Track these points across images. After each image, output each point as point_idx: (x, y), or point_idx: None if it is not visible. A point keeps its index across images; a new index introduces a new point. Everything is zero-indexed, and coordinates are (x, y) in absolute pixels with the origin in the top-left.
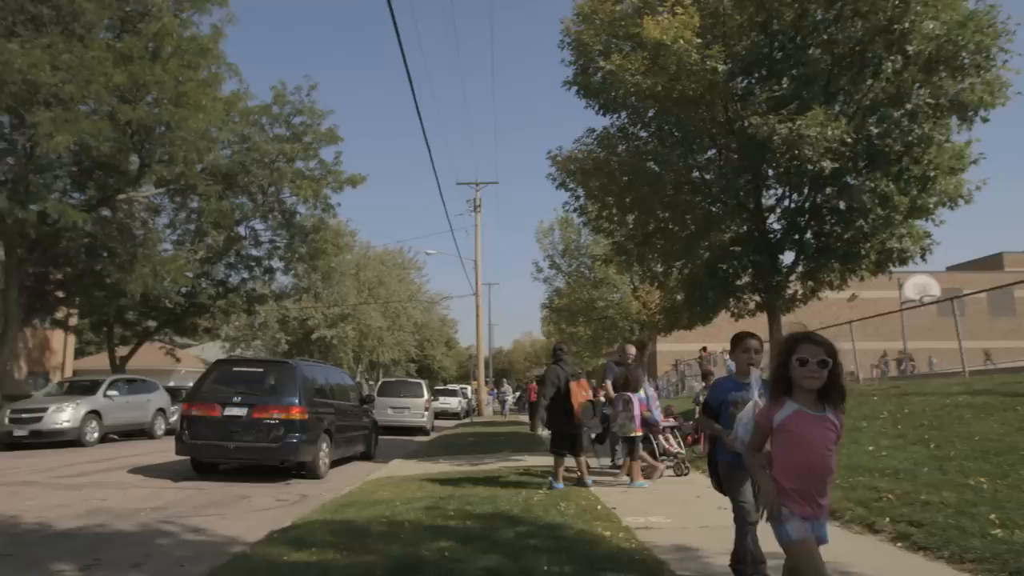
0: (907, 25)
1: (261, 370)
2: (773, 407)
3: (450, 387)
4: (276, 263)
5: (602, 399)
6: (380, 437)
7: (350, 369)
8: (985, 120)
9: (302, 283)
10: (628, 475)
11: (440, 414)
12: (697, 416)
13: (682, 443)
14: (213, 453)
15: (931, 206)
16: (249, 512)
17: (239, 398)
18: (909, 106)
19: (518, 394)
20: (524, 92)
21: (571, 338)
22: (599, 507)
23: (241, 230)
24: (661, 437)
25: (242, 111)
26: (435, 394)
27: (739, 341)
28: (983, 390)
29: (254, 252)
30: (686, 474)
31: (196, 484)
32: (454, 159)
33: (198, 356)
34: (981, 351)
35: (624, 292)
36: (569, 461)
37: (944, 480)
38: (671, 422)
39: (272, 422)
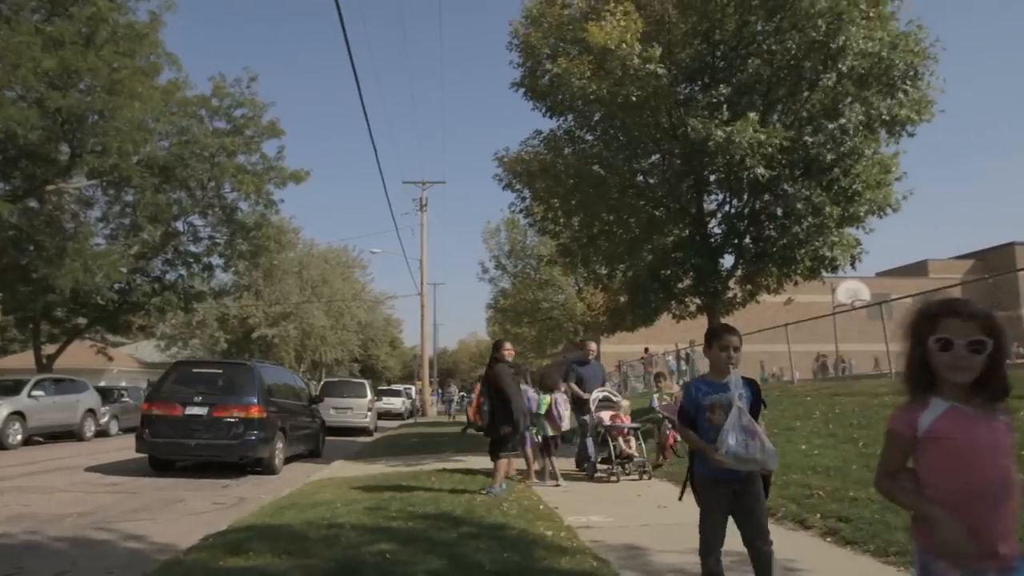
0: (841, 42)
1: (220, 371)
2: (913, 409)
3: (394, 387)
4: (216, 260)
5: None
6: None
7: (291, 369)
8: (911, 135)
9: (243, 281)
10: (537, 476)
11: (384, 415)
12: (658, 418)
13: (644, 446)
14: (174, 450)
15: (861, 214)
16: (183, 516)
17: (200, 398)
18: (843, 120)
19: (463, 394)
20: (472, 93)
21: (516, 338)
22: (541, 507)
23: (179, 225)
24: (621, 440)
25: (180, 101)
26: (379, 394)
27: (715, 336)
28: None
29: (193, 248)
30: (649, 478)
31: (127, 488)
32: (401, 158)
33: (132, 355)
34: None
35: (569, 293)
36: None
37: (871, 477)
38: (635, 423)
39: (232, 420)
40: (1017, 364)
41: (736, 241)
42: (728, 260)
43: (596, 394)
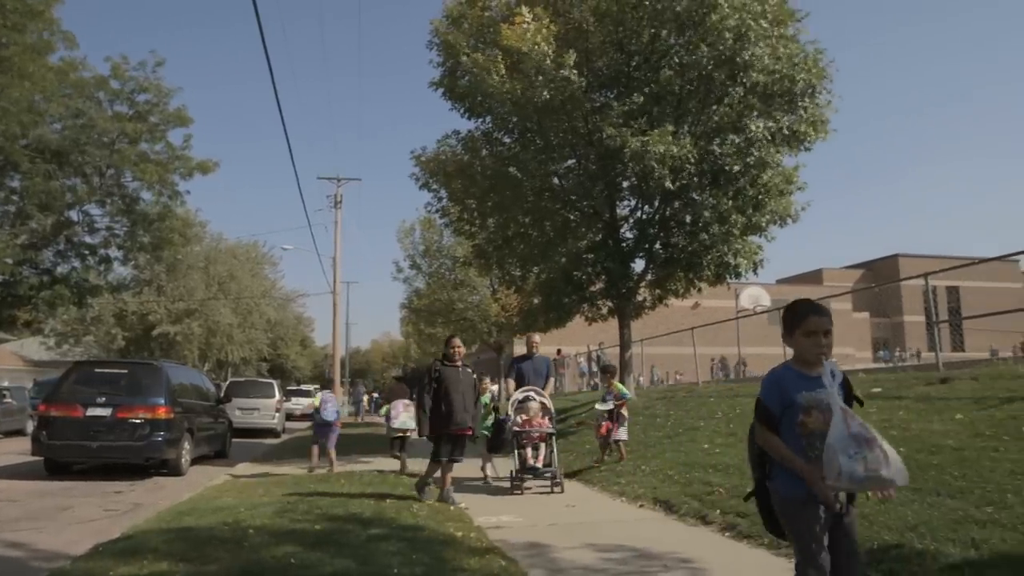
0: (747, 57)
1: (125, 371)
2: None
3: (304, 387)
4: (114, 252)
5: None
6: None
7: (195, 368)
8: (808, 149)
9: (143, 275)
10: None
11: (292, 415)
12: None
13: (556, 455)
14: (74, 453)
15: (764, 224)
16: (71, 525)
17: (103, 399)
18: (748, 132)
19: (374, 395)
20: (391, 90)
21: (430, 339)
22: (451, 508)
23: (73, 215)
24: (529, 448)
25: (75, 83)
26: (287, 394)
27: (798, 318)
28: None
29: (88, 239)
30: (560, 491)
31: (8, 495)
32: (316, 153)
33: (16, 353)
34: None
35: (484, 294)
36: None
37: None
38: (547, 426)
39: (137, 422)
40: (901, 367)
41: (647, 246)
42: (639, 264)
43: (517, 394)
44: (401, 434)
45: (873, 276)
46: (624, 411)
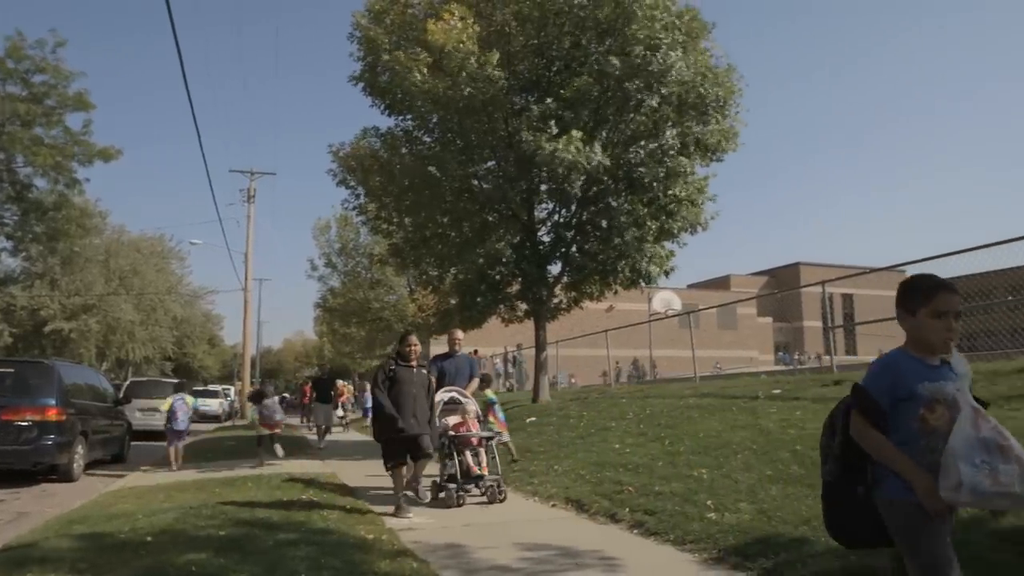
0: (662, 68)
1: (11, 370)
2: None
3: (211, 387)
4: (3, 242)
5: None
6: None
7: (91, 367)
8: (720, 160)
9: (35, 267)
10: None
11: (198, 416)
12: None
13: (498, 461)
14: None
15: (676, 230)
16: None
17: None
18: (662, 141)
19: (284, 395)
20: (309, 82)
21: (344, 339)
22: (364, 510)
23: None
24: (469, 454)
25: None
26: (193, 395)
27: (927, 295)
28: (709, 393)
29: None
30: (502, 500)
31: None
32: (228, 145)
33: None
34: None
35: (401, 294)
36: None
37: (674, 472)
38: (488, 432)
39: (25, 424)
40: (800, 369)
41: (563, 249)
42: (555, 267)
43: (440, 395)
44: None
45: (776, 283)
46: (499, 415)
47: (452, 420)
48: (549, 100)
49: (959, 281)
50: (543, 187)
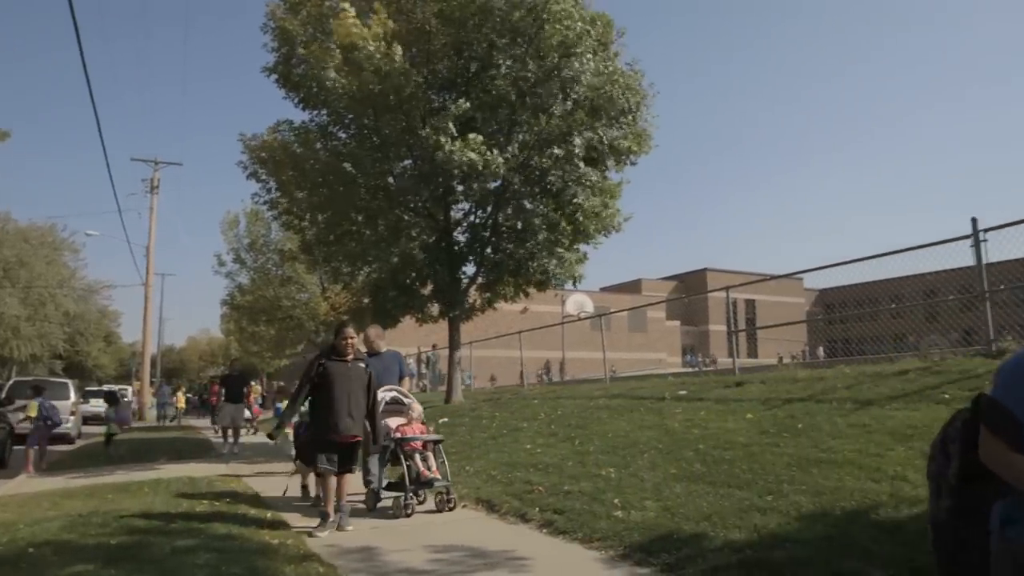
0: (574, 72)
1: None
2: None
3: (106, 388)
4: None
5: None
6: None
7: None
8: (633, 164)
9: None
10: None
11: (92, 419)
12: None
13: (447, 467)
14: None
15: (590, 232)
16: None
17: None
18: (573, 145)
19: (189, 395)
20: (221, 72)
21: (252, 338)
22: (268, 515)
23: None
24: (418, 457)
25: None
26: (85, 396)
27: None
28: (618, 394)
29: None
30: (451, 508)
31: None
32: (130, 132)
33: None
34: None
35: (313, 292)
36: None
37: (583, 472)
38: (435, 435)
39: None
40: (704, 371)
41: (479, 250)
42: (471, 268)
43: (381, 394)
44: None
45: (685, 287)
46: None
47: (395, 422)
48: (463, 101)
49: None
50: (459, 188)
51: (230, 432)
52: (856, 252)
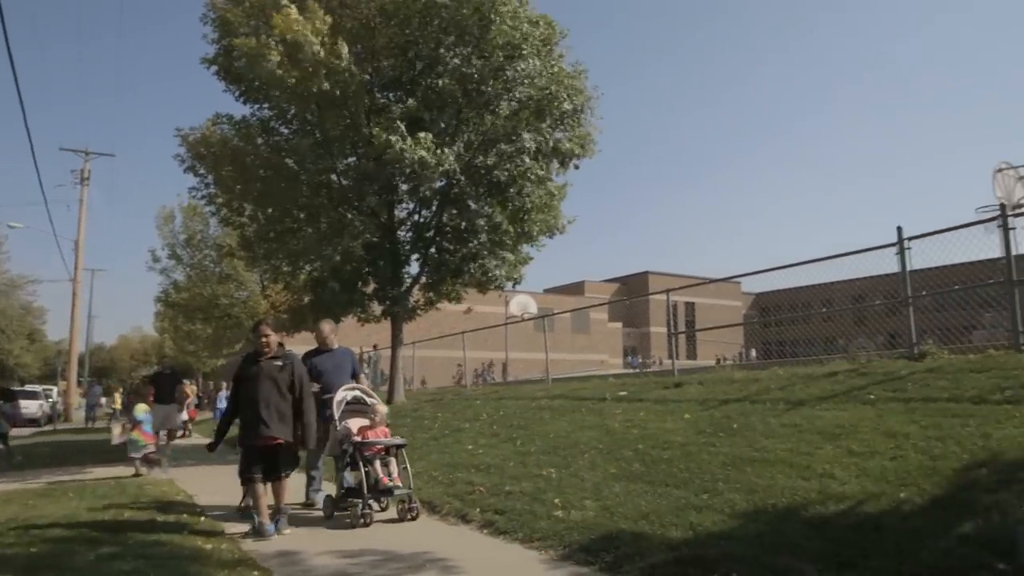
0: (519, 72)
1: None
2: None
3: (29, 388)
4: None
5: None
6: None
7: None
8: (577, 167)
9: None
10: None
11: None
12: None
13: (409, 473)
14: None
15: (534, 234)
16: None
17: None
18: (519, 145)
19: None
20: (158, 61)
21: (188, 336)
22: (202, 519)
23: None
24: (378, 463)
25: None
26: (6, 396)
27: None
28: (560, 395)
29: None
30: (414, 517)
31: None
32: (59, 120)
33: None
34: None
35: (252, 290)
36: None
37: (524, 472)
38: (398, 438)
39: None
40: (645, 372)
41: (422, 250)
42: (414, 267)
43: (342, 394)
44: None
45: (627, 290)
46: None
47: (356, 423)
48: (410, 101)
49: (782, 294)
50: (403, 187)
51: (162, 435)
52: (793, 257)
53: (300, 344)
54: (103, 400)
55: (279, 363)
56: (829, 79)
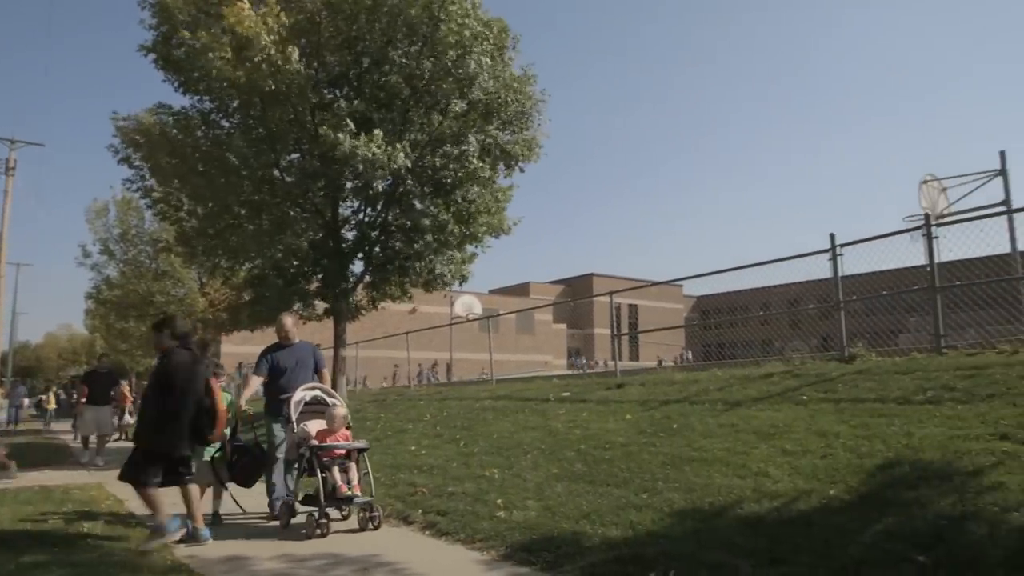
0: (470, 74)
1: None
2: None
3: None
4: None
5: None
6: None
7: None
8: (522, 171)
9: None
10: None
11: None
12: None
13: (371, 480)
14: None
15: (480, 235)
16: None
17: None
18: (466, 146)
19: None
20: (91, 47)
21: (121, 335)
22: (134, 525)
23: None
24: (336, 470)
25: None
26: None
27: None
28: (504, 395)
29: None
30: (376, 527)
31: None
32: None
33: None
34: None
35: (190, 287)
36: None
37: (467, 473)
38: (361, 442)
39: None
40: (588, 373)
41: (367, 248)
42: (358, 266)
43: (300, 394)
44: None
45: (572, 292)
46: None
47: (316, 426)
48: (356, 101)
49: (722, 297)
50: (348, 185)
51: (92, 440)
52: (729, 258)
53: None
54: (26, 401)
55: (190, 360)
56: (759, 84)
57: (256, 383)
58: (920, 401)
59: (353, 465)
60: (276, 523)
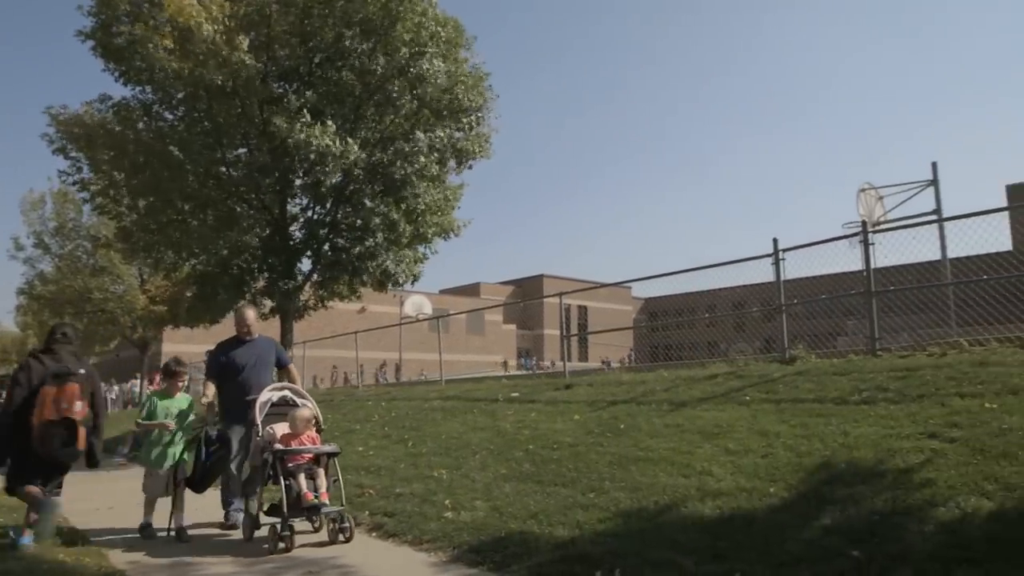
0: (423, 71)
1: None
2: None
3: None
4: None
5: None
6: None
7: None
8: (471, 167)
9: None
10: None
11: None
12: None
13: (341, 487)
14: None
15: (429, 235)
16: None
17: None
18: (418, 144)
19: None
20: (27, 30)
21: None
22: (65, 531)
23: None
24: (303, 477)
25: None
26: None
27: None
28: (453, 396)
29: None
30: (348, 539)
31: None
32: None
33: None
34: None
35: (130, 284)
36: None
37: (416, 474)
38: (330, 446)
39: None
40: (537, 374)
41: (315, 247)
42: (306, 264)
43: (267, 394)
44: None
45: (522, 292)
46: None
47: (282, 429)
48: (309, 92)
49: (669, 300)
50: (297, 181)
51: None
52: (680, 262)
53: (183, 344)
54: None
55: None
56: (702, 86)
57: (212, 389)
58: (856, 401)
59: (321, 471)
60: (235, 535)
